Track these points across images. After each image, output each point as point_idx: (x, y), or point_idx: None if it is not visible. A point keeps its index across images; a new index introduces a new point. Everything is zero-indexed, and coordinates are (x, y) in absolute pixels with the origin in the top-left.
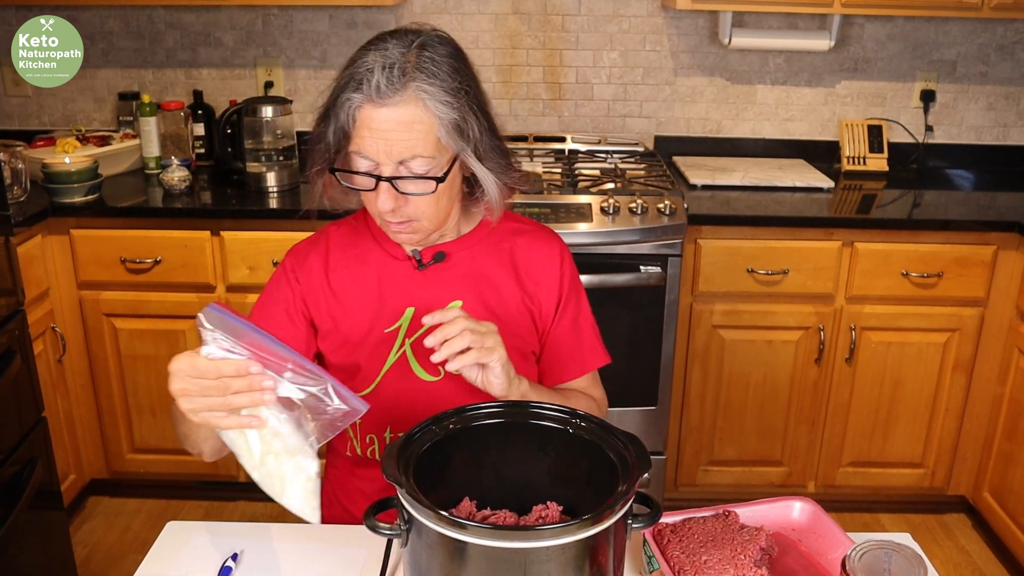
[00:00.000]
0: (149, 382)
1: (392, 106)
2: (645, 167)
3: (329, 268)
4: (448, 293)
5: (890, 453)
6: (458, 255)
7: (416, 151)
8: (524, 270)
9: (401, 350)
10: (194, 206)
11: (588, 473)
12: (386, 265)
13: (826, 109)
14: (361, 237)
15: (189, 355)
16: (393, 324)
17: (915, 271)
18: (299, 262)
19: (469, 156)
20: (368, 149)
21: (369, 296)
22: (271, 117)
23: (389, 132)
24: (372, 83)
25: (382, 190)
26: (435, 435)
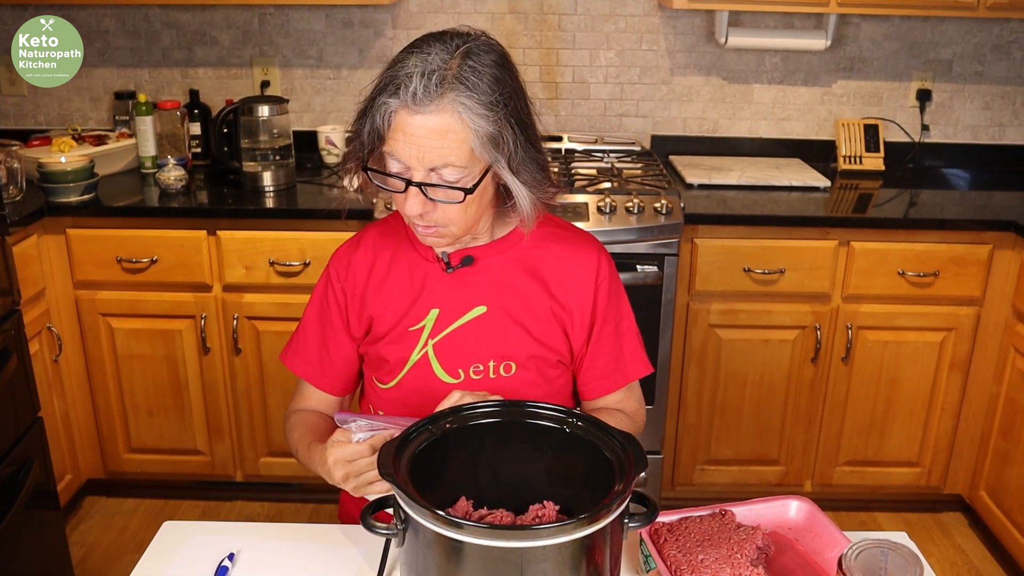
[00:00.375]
0: (145, 382)
1: (427, 114)
2: (642, 166)
3: (371, 268)
4: (473, 297)
5: (886, 452)
6: (487, 260)
7: (448, 160)
8: (556, 278)
9: (423, 350)
10: (190, 205)
11: (585, 472)
12: (417, 265)
13: (822, 108)
14: (397, 237)
15: (339, 445)
16: (418, 323)
17: (911, 270)
18: (342, 268)
19: (503, 168)
20: (401, 153)
21: (400, 294)
22: (267, 116)
23: (423, 139)
24: (410, 89)
25: (411, 194)
26: (432, 434)
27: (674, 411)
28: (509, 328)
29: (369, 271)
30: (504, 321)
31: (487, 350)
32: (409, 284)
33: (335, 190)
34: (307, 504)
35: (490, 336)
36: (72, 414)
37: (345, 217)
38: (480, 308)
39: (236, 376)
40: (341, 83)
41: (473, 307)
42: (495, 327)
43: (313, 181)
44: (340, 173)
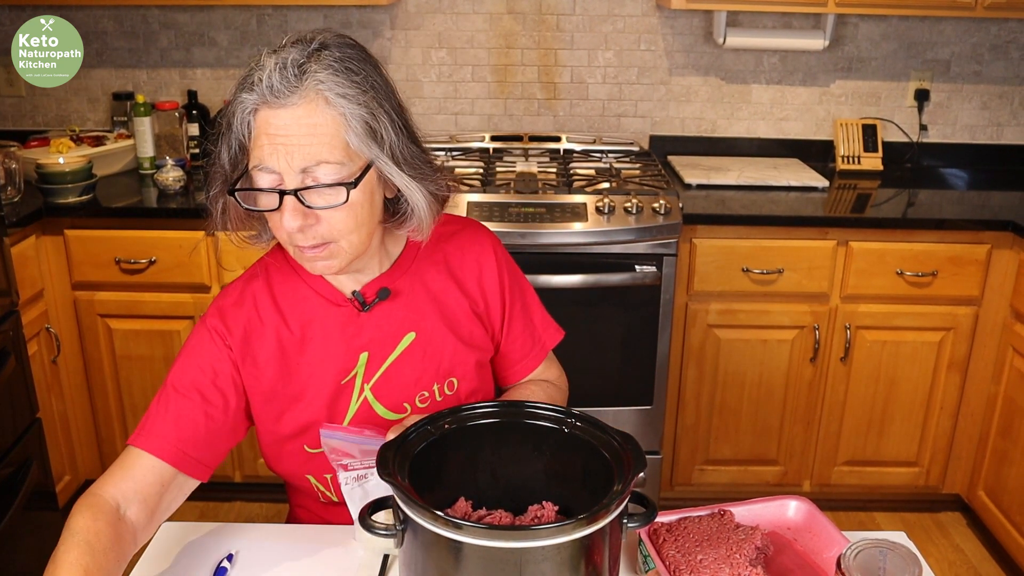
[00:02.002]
0: (144, 383)
1: (290, 107)
2: (640, 167)
3: (262, 324)
4: (400, 327)
5: (885, 452)
6: (400, 285)
7: (321, 157)
8: (463, 274)
9: (362, 397)
10: (189, 206)
11: (583, 473)
12: (327, 313)
13: (821, 108)
14: (293, 286)
15: None
16: (348, 374)
17: (909, 270)
18: (227, 324)
19: (385, 163)
20: (268, 159)
21: (315, 350)
22: None
23: (289, 137)
24: (265, 82)
25: (287, 207)
26: (430, 435)
27: (673, 411)
28: (442, 345)
29: (262, 331)
30: (435, 340)
31: (428, 375)
32: (323, 335)
33: None
34: None
35: (427, 360)
36: (70, 415)
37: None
38: (409, 336)
39: None
40: None
41: (402, 337)
42: (429, 349)
43: None
44: (205, 214)
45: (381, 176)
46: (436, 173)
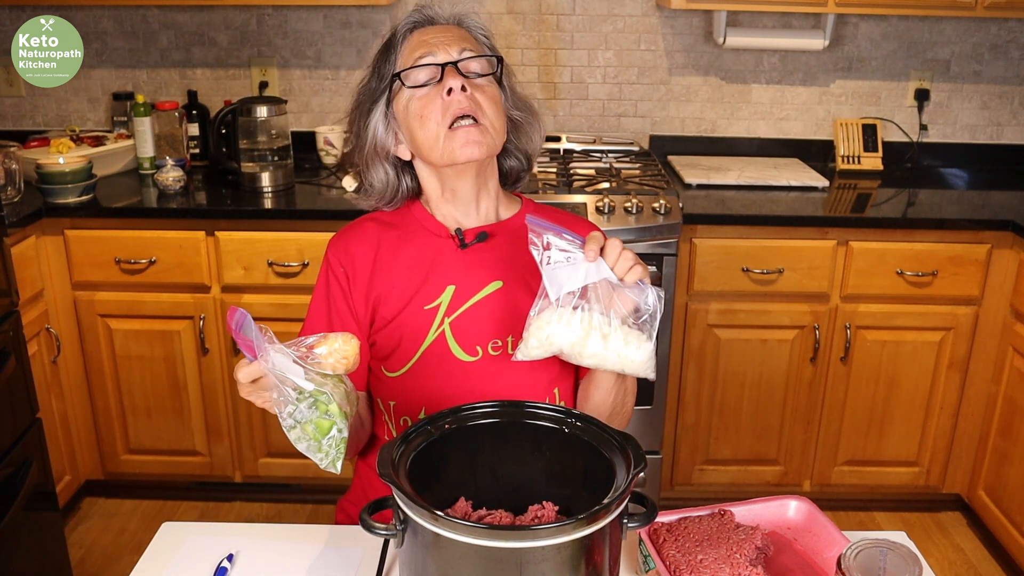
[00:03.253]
0: (144, 383)
1: (442, 24)
2: (640, 166)
3: (375, 248)
4: (489, 273)
5: (885, 452)
6: (500, 237)
7: (468, 44)
8: None
9: (440, 329)
10: (189, 206)
11: (584, 473)
12: (428, 243)
13: (821, 108)
14: (406, 218)
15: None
16: (433, 301)
17: (910, 270)
18: (340, 251)
19: (505, 87)
20: (426, 48)
21: (411, 274)
22: (266, 117)
23: (445, 37)
24: (423, 12)
25: (448, 74)
26: (430, 435)
27: (673, 411)
28: (527, 302)
29: (374, 250)
30: (521, 295)
31: (505, 325)
32: (420, 262)
33: (333, 190)
34: (306, 505)
35: (508, 311)
36: (71, 415)
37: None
38: (496, 283)
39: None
40: (339, 84)
41: (489, 282)
42: (512, 302)
43: (311, 182)
44: (349, 156)
45: (504, 91)
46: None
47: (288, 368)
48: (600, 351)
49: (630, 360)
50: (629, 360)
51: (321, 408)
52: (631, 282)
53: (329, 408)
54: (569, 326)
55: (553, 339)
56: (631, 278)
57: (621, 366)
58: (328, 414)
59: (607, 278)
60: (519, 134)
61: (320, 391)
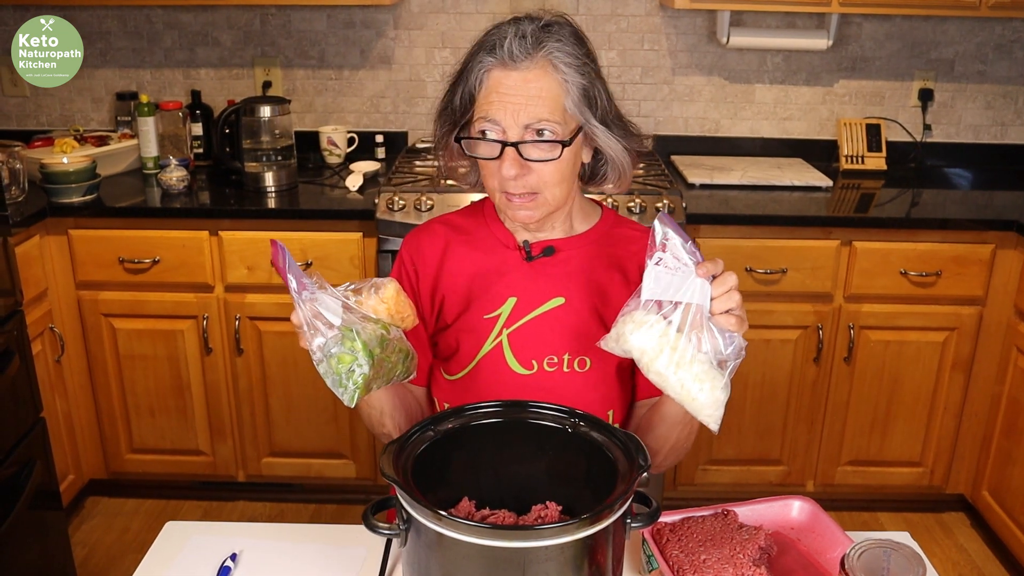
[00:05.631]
0: (148, 382)
1: (523, 70)
2: (644, 166)
3: (443, 250)
4: (552, 288)
5: (889, 452)
6: (567, 252)
7: (542, 116)
8: (637, 278)
9: (498, 339)
10: (192, 206)
11: (587, 473)
12: (495, 252)
13: (824, 108)
14: (476, 223)
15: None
16: (494, 311)
17: (913, 270)
18: (412, 248)
19: (595, 126)
20: (495, 113)
21: (475, 280)
22: (269, 117)
23: (517, 97)
24: (505, 47)
25: (507, 156)
26: (434, 435)
27: None
28: (586, 322)
29: (443, 251)
30: (582, 314)
31: (563, 342)
32: (485, 269)
33: (336, 190)
34: (309, 504)
35: (566, 328)
36: (74, 414)
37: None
38: (558, 299)
39: (238, 376)
40: (343, 83)
41: (551, 298)
42: (572, 320)
43: (315, 181)
44: (434, 150)
45: (587, 138)
46: (634, 134)
47: (327, 305)
48: (668, 373)
49: (691, 398)
50: (692, 397)
51: (347, 344)
52: (721, 326)
53: (354, 344)
54: (649, 334)
55: (628, 339)
56: (724, 322)
57: (681, 399)
58: (352, 350)
59: (703, 306)
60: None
61: (348, 327)
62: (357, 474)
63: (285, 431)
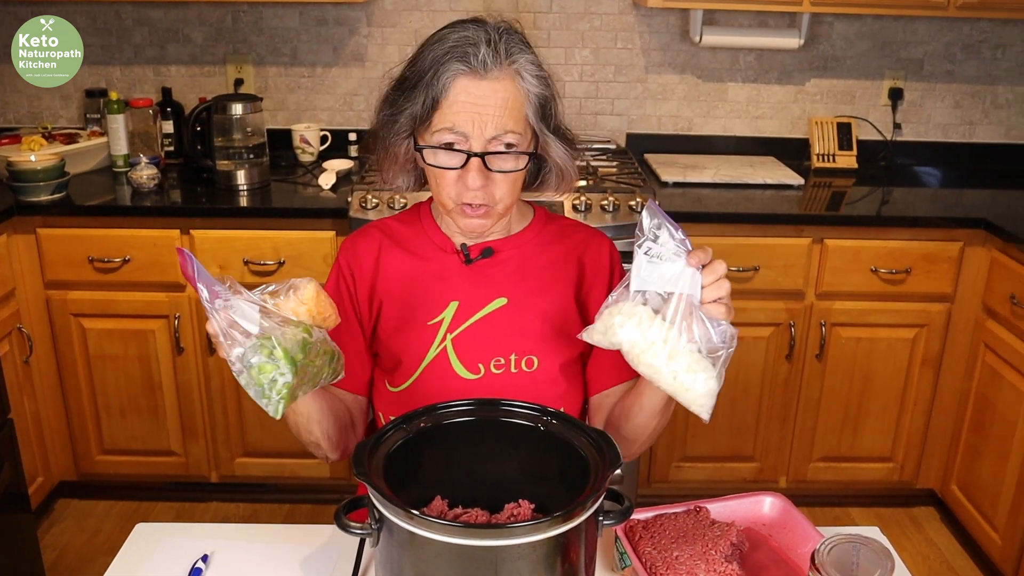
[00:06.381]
0: (118, 382)
1: (491, 80)
2: (617, 165)
3: (379, 256)
4: (494, 289)
5: (860, 448)
6: (506, 252)
7: (508, 127)
8: (576, 273)
9: (442, 344)
10: (163, 204)
11: (560, 470)
12: (433, 256)
13: (796, 107)
14: (413, 228)
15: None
16: (436, 316)
17: (884, 267)
18: (349, 253)
19: (548, 136)
20: (463, 123)
21: (415, 285)
22: (241, 114)
23: (486, 107)
24: (480, 56)
25: (472, 167)
26: (406, 434)
27: None
28: (531, 320)
29: (378, 256)
30: (526, 313)
31: (509, 343)
32: (425, 274)
33: (309, 188)
34: (283, 505)
35: (511, 329)
36: (43, 416)
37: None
38: (500, 300)
39: (210, 376)
40: (315, 81)
41: (493, 299)
42: (516, 319)
43: (287, 180)
44: (374, 160)
45: (540, 147)
46: (575, 143)
47: (243, 312)
48: (660, 365)
49: (686, 388)
50: (685, 388)
51: (266, 352)
52: (711, 315)
53: (274, 352)
54: (639, 326)
55: (617, 332)
56: (714, 311)
57: (674, 391)
58: (273, 358)
59: (692, 296)
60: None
61: (267, 335)
62: (331, 474)
63: (258, 431)
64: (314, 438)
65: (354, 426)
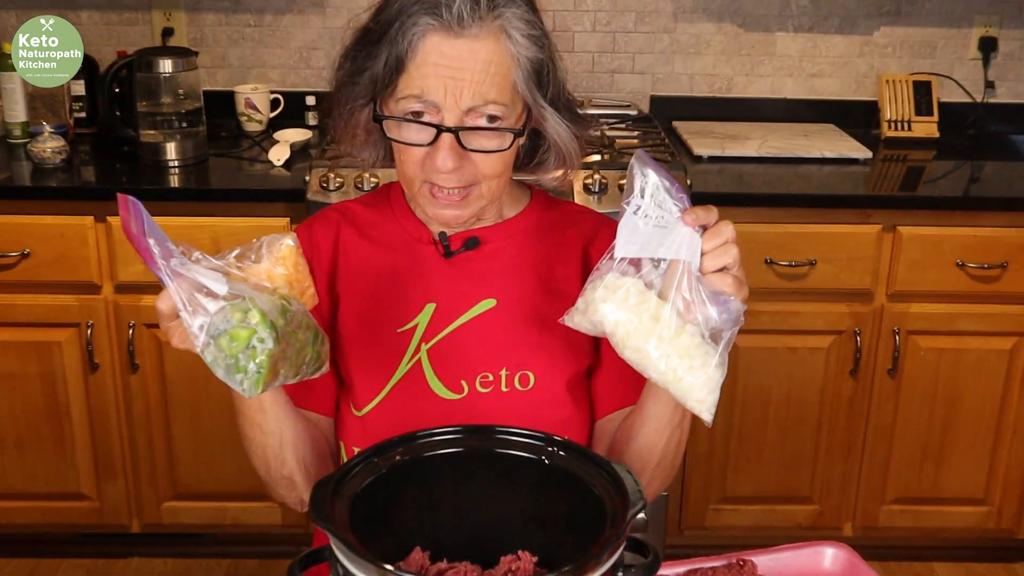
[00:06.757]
0: (13, 408)
1: (469, 38)
2: (638, 135)
3: (338, 245)
4: (480, 288)
5: (945, 487)
6: (495, 243)
7: (490, 97)
8: (582, 269)
9: (416, 357)
10: (73, 184)
11: (569, 514)
12: (405, 248)
13: (862, 62)
14: (381, 213)
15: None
16: (408, 323)
17: (973, 261)
18: (305, 244)
19: (544, 108)
20: (433, 91)
21: (381, 284)
22: (171, 73)
23: (461, 71)
24: (455, 8)
25: (443, 144)
26: (377, 468)
27: None
28: (526, 328)
29: (335, 245)
30: (519, 319)
31: (498, 355)
32: (395, 271)
33: (257, 165)
34: (223, 560)
35: (501, 338)
36: None
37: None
38: (488, 302)
39: (132, 399)
40: (264, 32)
41: (479, 300)
42: (508, 326)
43: (230, 154)
44: (330, 128)
45: (533, 120)
46: (583, 119)
47: (204, 275)
48: (647, 349)
49: (677, 378)
50: (676, 377)
51: (238, 314)
52: (714, 287)
53: (248, 315)
54: (625, 301)
55: (597, 308)
56: (719, 282)
57: (664, 380)
58: (247, 322)
59: (691, 264)
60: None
61: (236, 296)
62: (284, 520)
63: (193, 468)
64: (287, 470)
65: (333, 458)
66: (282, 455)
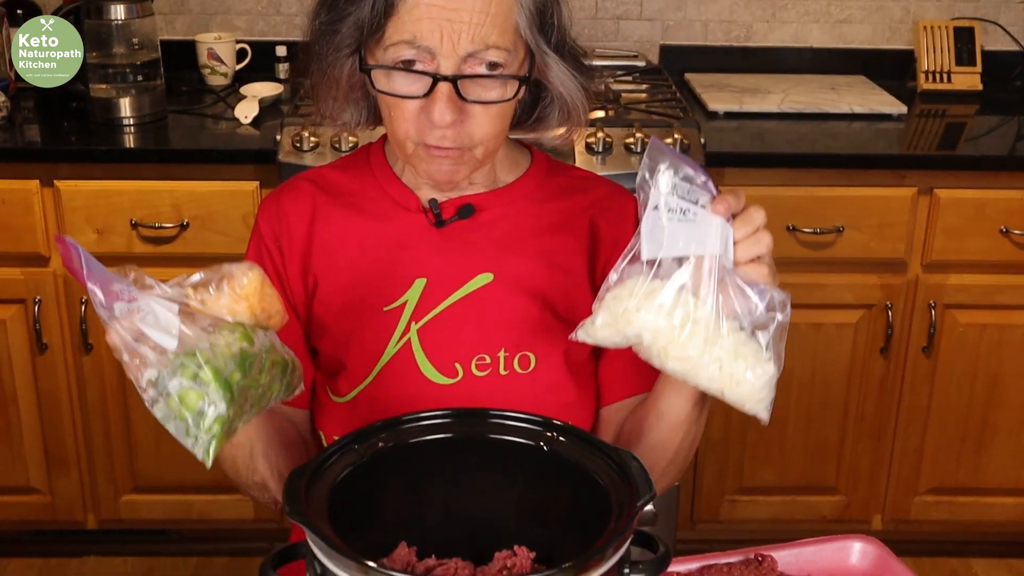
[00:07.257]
0: None
1: None
2: (647, 88)
3: (314, 218)
4: (475, 261)
5: (985, 477)
6: (492, 211)
7: (490, 40)
8: (588, 240)
9: (405, 337)
10: (15, 145)
11: (570, 505)
12: (391, 217)
13: (896, 6)
14: (361, 179)
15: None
16: (396, 300)
17: (1018, 227)
18: (272, 217)
19: (548, 55)
20: (427, 35)
21: (365, 258)
22: (124, 20)
23: (459, 12)
24: None
25: (440, 95)
26: (358, 457)
27: None
28: (526, 304)
29: (312, 218)
30: (519, 295)
31: (496, 335)
32: (381, 243)
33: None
34: (189, 558)
35: (499, 315)
36: None
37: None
38: (484, 276)
39: (86, 383)
40: None
41: (474, 275)
42: (506, 303)
43: (191, 111)
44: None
45: (536, 70)
46: (588, 69)
47: (156, 317)
48: (696, 356)
49: (735, 382)
50: (734, 382)
51: (188, 373)
52: (750, 279)
53: (200, 374)
54: (661, 308)
55: (632, 320)
56: (753, 273)
57: (721, 387)
58: (199, 381)
59: (724, 257)
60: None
61: (190, 351)
62: (255, 515)
63: (153, 458)
64: (258, 477)
65: (308, 454)
66: (252, 464)
